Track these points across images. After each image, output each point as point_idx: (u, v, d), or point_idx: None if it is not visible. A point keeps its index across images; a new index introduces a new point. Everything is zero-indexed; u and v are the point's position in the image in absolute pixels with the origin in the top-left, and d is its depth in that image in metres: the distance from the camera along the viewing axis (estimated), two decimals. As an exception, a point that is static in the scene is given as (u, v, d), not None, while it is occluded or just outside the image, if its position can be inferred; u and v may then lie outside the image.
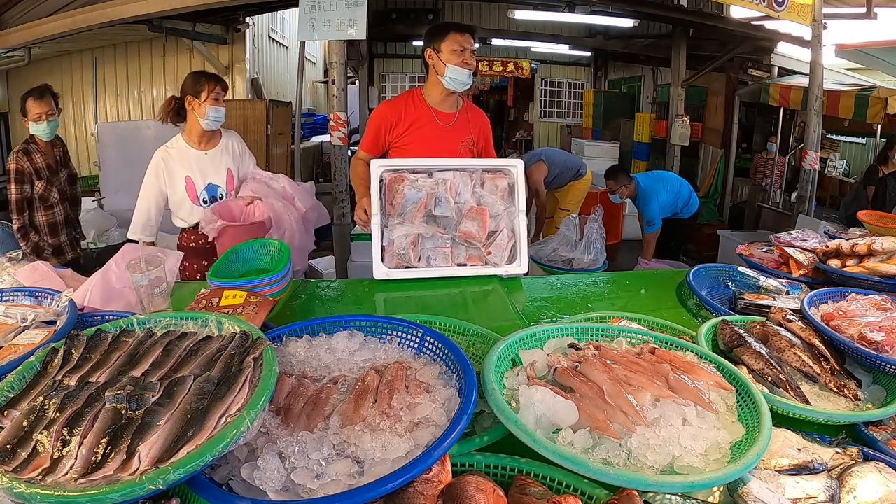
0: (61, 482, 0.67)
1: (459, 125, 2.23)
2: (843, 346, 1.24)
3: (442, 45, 2.08)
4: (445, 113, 2.21)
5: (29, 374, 0.90)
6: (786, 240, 1.95)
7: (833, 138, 7.35)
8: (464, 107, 2.27)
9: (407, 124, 2.17)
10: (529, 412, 0.91)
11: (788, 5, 3.99)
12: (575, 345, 1.14)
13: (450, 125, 2.21)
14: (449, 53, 2.07)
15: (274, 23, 8.39)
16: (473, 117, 2.28)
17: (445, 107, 2.21)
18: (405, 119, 2.17)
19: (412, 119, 2.17)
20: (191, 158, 2.32)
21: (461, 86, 2.11)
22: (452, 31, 2.07)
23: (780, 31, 5.71)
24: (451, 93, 2.18)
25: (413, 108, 2.19)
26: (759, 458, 0.82)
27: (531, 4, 6.48)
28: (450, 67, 2.07)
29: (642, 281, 1.99)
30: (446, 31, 2.08)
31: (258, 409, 0.77)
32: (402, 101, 2.22)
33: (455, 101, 2.24)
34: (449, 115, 2.22)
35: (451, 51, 2.06)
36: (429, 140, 2.17)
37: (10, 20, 3.86)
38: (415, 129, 2.17)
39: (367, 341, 1.13)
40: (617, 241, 6.60)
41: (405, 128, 2.17)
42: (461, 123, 2.24)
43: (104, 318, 1.40)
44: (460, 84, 2.11)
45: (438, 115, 2.19)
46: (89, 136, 6.43)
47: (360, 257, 3.97)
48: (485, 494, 0.74)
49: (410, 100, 2.22)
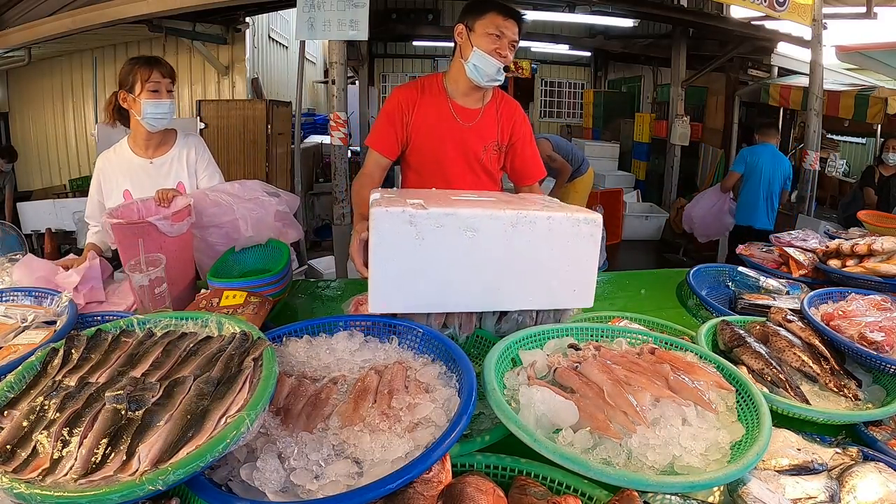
0: (61, 482, 0.67)
1: (484, 124, 1.82)
2: (843, 346, 1.24)
3: (477, 24, 1.67)
4: (468, 109, 1.80)
5: (29, 374, 0.90)
6: (786, 240, 1.95)
7: (833, 138, 7.36)
8: (492, 100, 1.84)
9: (419, 118, 1.78)
10: (530, 412, 0.91)
11: (789, 5, 3.99)
12: (575, 345, 1.14)
13: (471, 124, 1.80)
14: (482, 35, 1.66)
15: (274, 23, 8.38)
16: (505, 112, 1.85)
17: (470, 100, 1.80)
18: (418, 109, 1.78)
19: (425, 111, 1.78)
20: (132, 167, 1.91)
21: (485, 78, 1.70)
22: (494, 11, 1.66)
23: (780, 31, 5.71)
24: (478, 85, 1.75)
25: (430, 98, 1.79)
26: (760, 457, 0.82)
27: (531, 4, 6.48)
28: (476, 52, 1.66)
29: (642, 281, 1.99)
30: (486, 8, 1.67)
31: (258, 409, 0.77)
32: (418, 86, 1.80)
33: (482, 94, 1.81)
34: (471, 112, 1.80)
35: (485, 32, 1.65)
36: (442, 143, 1.80)
37: (10, 20, 3.86)
38: (425, 127, 1.78)
39: (367, 341, 1.13)
40: (617, 241, 6.60)
41: (416, 122, 1.78)
42: (487, 121, 1.82)
43: (104, 318, 1.40)
44: (485, 76, 1.69)
45: (458, 111, 1.79)
46: (89, 136, 6.43)
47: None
48: (485, 495, 0.74)
49: (428, 86, 1.80)
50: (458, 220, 1.11)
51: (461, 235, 1.12)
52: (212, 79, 6.73)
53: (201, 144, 2.02)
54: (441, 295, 1.15)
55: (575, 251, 1.19)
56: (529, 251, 1.16)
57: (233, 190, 1.84)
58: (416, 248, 1.10)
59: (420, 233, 1.09)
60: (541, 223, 1.16)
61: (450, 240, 1.11)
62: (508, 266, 1.16)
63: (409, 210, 1.08)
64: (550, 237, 1.17)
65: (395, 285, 1.12)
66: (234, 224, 1.77)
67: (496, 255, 1.15)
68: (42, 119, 6.67)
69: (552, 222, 1.16)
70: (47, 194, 5.91)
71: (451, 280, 1.14)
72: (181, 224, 1.59)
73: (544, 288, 1.21)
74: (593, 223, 1.19)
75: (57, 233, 5.11)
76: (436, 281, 1.13)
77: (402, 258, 1.10)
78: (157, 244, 1.50)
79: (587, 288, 1.23)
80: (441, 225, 1.10)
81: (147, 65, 1.82)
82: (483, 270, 1.15)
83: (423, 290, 1.14)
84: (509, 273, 1.17)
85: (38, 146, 6.72)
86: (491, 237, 1.13)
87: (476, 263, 1.14)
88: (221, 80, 6.76)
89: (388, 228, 1.09)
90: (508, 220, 1.14)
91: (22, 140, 6.63)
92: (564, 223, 1.17)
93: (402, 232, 1.09)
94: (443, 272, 1.13)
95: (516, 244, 1.15)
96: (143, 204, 1.72)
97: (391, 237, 1.09)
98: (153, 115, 1.83)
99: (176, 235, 1.57)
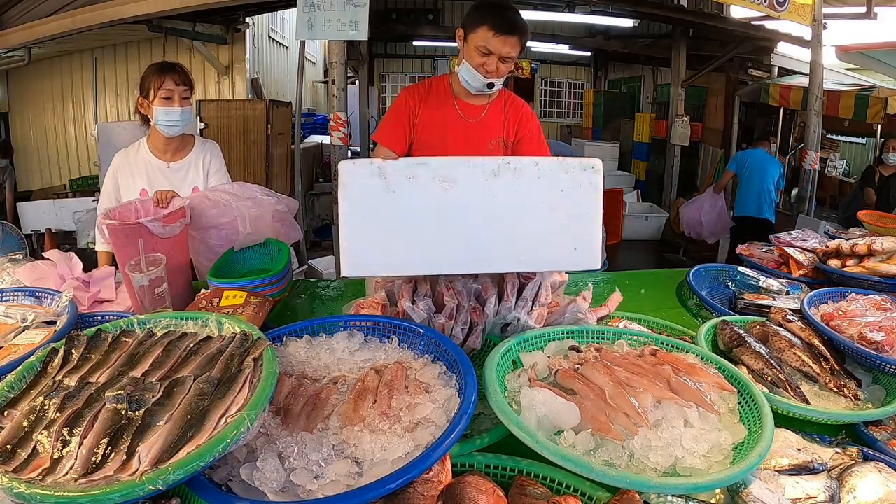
0: (61, 482, 0.67)
1: (489, 120, 1.85)
2: (843, 346, 1.24)
3: (470, 35, 1.68)
4: (473, 106, 1.84)
5: (29, 374, 0.90)
6: (786, 240, 1.95)
7: (833, 138, 7.36)
8: (498, 98, 1.87)
9: (426, 114, 1.82)
10: (531, 414, 0.90)
11: (789, 5, 3.99)
12: (576, 347, 1.14)
13: (476, 120, 1.84)
14: (472, 48, 1.67)
15: (274, 23, 8.38)
16: (511, 110, 1.88)
17: (475, 98, 1.84)
18: (425, 106, 1.82)
19: (432, 108, 1.82)
20: (151, 169, 1.96)
21: (473, 90, 1.75)
22: (486, 26, 1.63)
23: (780, 31, 5.71)
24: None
25: (436, 96, 1.83)
26: (762, 459, 0.82)
27: (531, 4, 6.48)
28: (464, 64, 1.71)
29: (642, 281, 1.98)
30: (480, 21, 1.64)
31: (258, 409, 0.77)
32: (425, 86, 1.87)
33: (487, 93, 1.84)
34: (476, 109, 1.84)
35: (475, 46, 1.66)
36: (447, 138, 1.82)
37: (10, 20, 3.86)
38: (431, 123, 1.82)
39: (367, 341, 1.12)
40: (617, 241, 6.60)
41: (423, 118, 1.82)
42: (492, 117, 1.86)
43: (104, 318, 1.40)
44: (472, 88, 1.74)
45: (463, 108, 1.83)
46: (89, 136, 6.42)
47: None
48: (485, 495, 0.74)
49: (436, 85, 1.86)
50: (430, 170, 1.02)
51: (436, 187, 1.01)
52: (212, 79, 6.73)
53: (216, 150, 2.06)
54: (419, 255, 1.04)
55: (572, 202, 1.05)
56: (516, 204, 1.04)
57: (231, 189, 1.85)
58: (388, 203, 1.01)
59: (390, 185, 1.01)
60: (528, 171, 1.04)
61: (424, 192, 1.01)
62: (494, 221, 1.04)
63: (378, 161, 1.02)
64: (540, 187, 1.04)
65: (367, 246, 1.02)
66: (233, 225, 1.77)
67: (478, 208, 1.03)
68: (42, 119, 6.67)
69: (541, 169, 1.05)
70: (47, 194, 5.90)
71: (429, 238, 1.03)
72: (174, 226, 1.59)
73: (539, 246, 1.07)
74: (591, 169, 1.06)
75: (57, 233, 5.11)
76: (412, 240, 1.03)
77: (374, 215, 1.01)
78: (149, 245, 1.50)
79: (591, 246, 1.08)
80: (413, 175, 1.01)
81: (160, 72, 1.85)
82: (465, 227, 1.04)
83: (399, 251, 1.03)
84: (496, 229, 1.04)
85: (38, 146, 6.72)
86: (470, 188, 1.03)
87: (456, 219, 1.03)
88: (221, 80, 6.75)
89: (356, 183, 1.00)
90: (489, 169, 1.03)
91: (22, 140, 6.63)
92: (556, 169, 1.05)
93: (372, 185, 1.00)
94: (419, 229, 1.03)
95: (500, 196, 1.03)
96: (142, 204, 1.72)
97: (360, 191, 1.01)
98: (164, 122, 1.86)
99: (168, 237, 1.56)
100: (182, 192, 1.84)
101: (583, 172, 1.06)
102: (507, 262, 1.09)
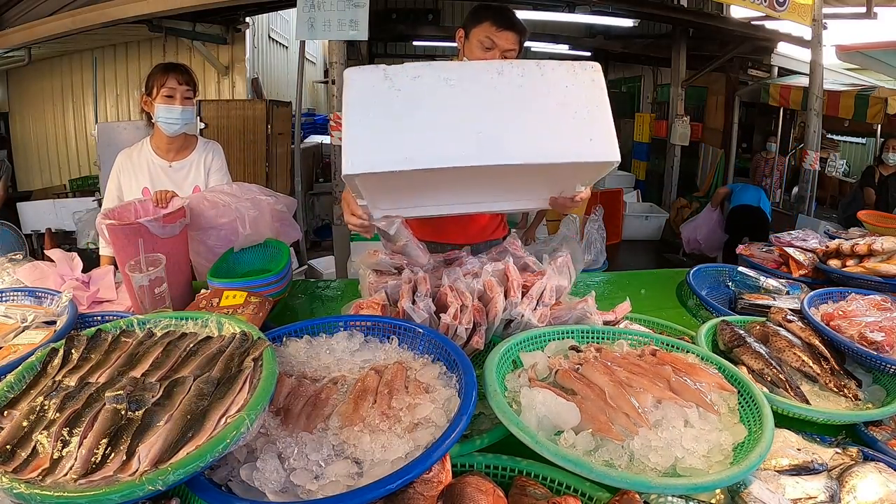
0: (61, 483, 0.67)
1: None
2: (843, 346, 1.24)
3: (472, 32, 1.66)
4: None
5: (29, 375, 0.90)
6: (786, 240, 1.95)
7: (833, 138, 7.37)
8: None
9: None
10: (531, 414, 0.90)
11: (789, 5, 3.99)
12: (576, 347, 1.14)
13: None
14: (474, 45, 1.65)
15: (274, 23, 8.38)
16: None
17: None
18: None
19: None
20: (153, 168, 1.99)
21: None
22: (488, 21, 1.63)
23: (780, 31, 5.71)
24: None
25: None
26: (762, 459, 0.82)
27: (531, 4, 6.48)
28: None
29: (642, 281, 1.98)
30: (482, 17, 1.65)
31: (258, 409, 0.77)
32: None
33: None
34: None
35: (477, 41, 1.64)
36: None
37: (10, 20, 3.86)
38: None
39: (367, 341, 1.13)
40: (617, 241, 6.60)
41: None
42: None
43: (104, 318, 1.40)
44: None
45: None
46: (89, 136, 6.42)
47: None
48: (485, 495, 0.74)
49: None
50: (434, 70, 1.02)
51: (442, 84, 1.01)
52: (212, 79, 6.72)
53: (219, 150, 2.09)
54: (427, 149, 0.99)
55: (579, 98, 1.06)
56: (524, 98, 1.04)
57: (230, 190, 1.85)
58: (393, 99, 0.99)
59: (395, 85, 1.00)
60: (531, 69, 1.06)
61: (429, 89, 1.01)
62: (503, 113, 1.03)
63: (383, 66, 1.02)
64: (546, 84, 1.05)
65: (371, 141, 0.98)
66: (232, 226, 1.77)
67: (487, 103, 1.02)
68: (42, 119, 6.66)
69: (544, 68, 1.07)
70: (47, 194, 5.89)
71: (438, 131, 1.00)
72: (173, 226, 1.59)
73: (553, 137, 1.04)
74: (591, 69, 1.08)
75: (57, 233, 5.10)
76: (420, 133, 0.99)
77: (379, 110, 0.99)
78: (149, 245, 1.50)
79: (607, 136, 1.07)
80: (418, 76, 1.01)
81: (164, 71, 1.90)
82: (473, 118, 1.01)
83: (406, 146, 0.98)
84: (506, 122, 1.02)
85: (38, 146, 6.71)
86: (475, 83, 1.03)
87: (464, 111, 1.01)
88: (221, 80, 6.75)
89: (361, 85, 1.00)
90: (493, 68, 1.05)
91: (22, 140, 6.62)
92: (558, 69, 1.07)
93: (377, 86, 1.00)
94: (427, 123, 0.99)
95: (506, 90, 1.03)
96: (142, 204, 1.73)
97: (365, 91, 1.00)
98: (165, 120, 1.90)
99: (167, 237, 1.56)
100: (184, 192, 1.86)
101: (584, 72, 1.08)
102: (522, 153, 1.03)
